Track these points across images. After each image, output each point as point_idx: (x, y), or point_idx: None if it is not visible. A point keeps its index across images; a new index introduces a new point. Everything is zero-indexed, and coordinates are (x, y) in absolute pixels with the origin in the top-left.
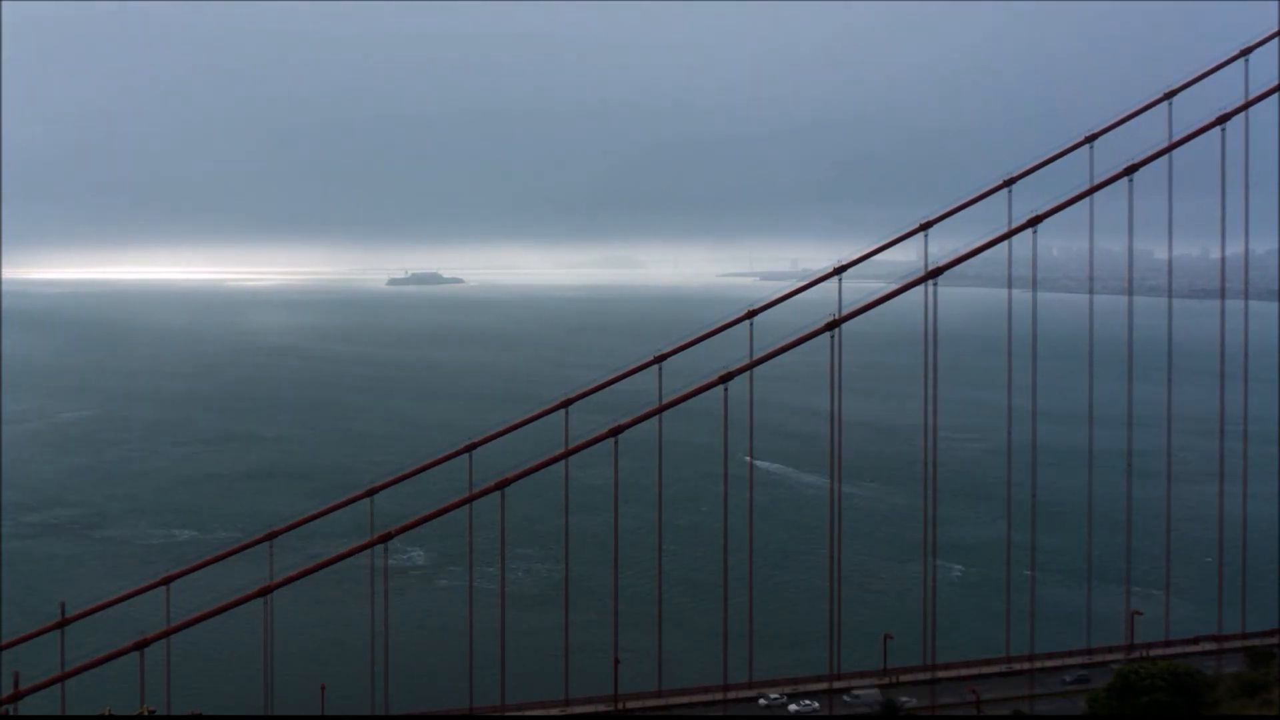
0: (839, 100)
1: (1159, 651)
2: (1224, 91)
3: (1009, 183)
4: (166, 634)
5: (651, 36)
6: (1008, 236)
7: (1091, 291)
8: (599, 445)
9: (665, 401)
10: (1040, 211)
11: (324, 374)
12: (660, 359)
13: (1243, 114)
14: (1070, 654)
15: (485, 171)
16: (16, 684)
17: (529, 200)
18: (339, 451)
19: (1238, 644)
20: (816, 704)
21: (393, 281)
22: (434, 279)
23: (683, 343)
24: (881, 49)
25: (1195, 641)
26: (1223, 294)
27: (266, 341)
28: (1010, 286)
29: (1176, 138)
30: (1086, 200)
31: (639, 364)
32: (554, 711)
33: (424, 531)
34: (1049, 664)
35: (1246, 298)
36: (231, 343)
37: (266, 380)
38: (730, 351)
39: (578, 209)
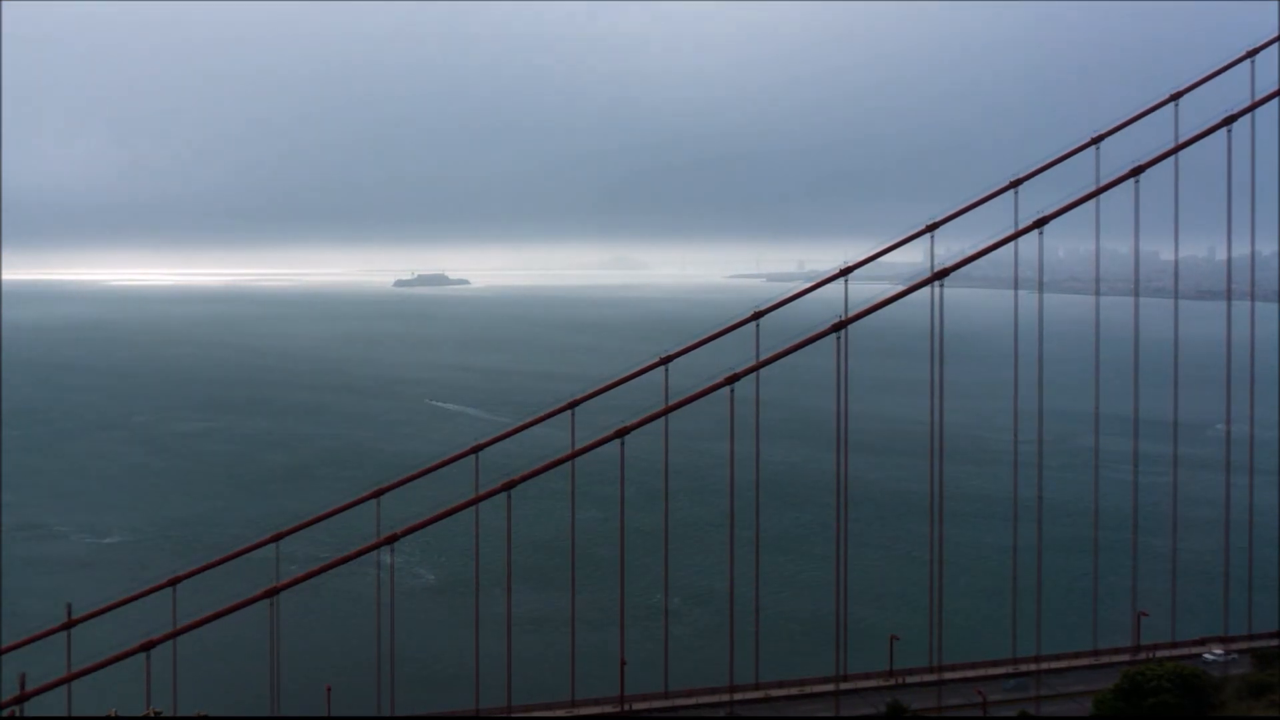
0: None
1: (1165, 653)
2: (1230, 93)
3: (1015, 184)
4: (173, 635)
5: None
6: (1014, 238)
7: (1098, 293)
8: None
9: (671, 403)
10: (1046, 213)
11: None
12: (666, 360)
13: (1249, 115)
14: (1077, 655)
15: (491, 171)
16: (23, 685)
17: (536, 201)
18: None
19: (1244, 645)
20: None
21: (399, 283)
22: (440, 280)
23: (689, 344)
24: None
25: (1201, 643)
26: (1229, 295)
27: None
28: (1016, 288)
29: (1183, 139)
30: (1092, 201)
31: (645, 365)
32: (560, 712)
33: (430, 533)
34: (1055, 665)
35: (1253, 299)
36: None
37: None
38: (737, 353)
39: (585, 210)
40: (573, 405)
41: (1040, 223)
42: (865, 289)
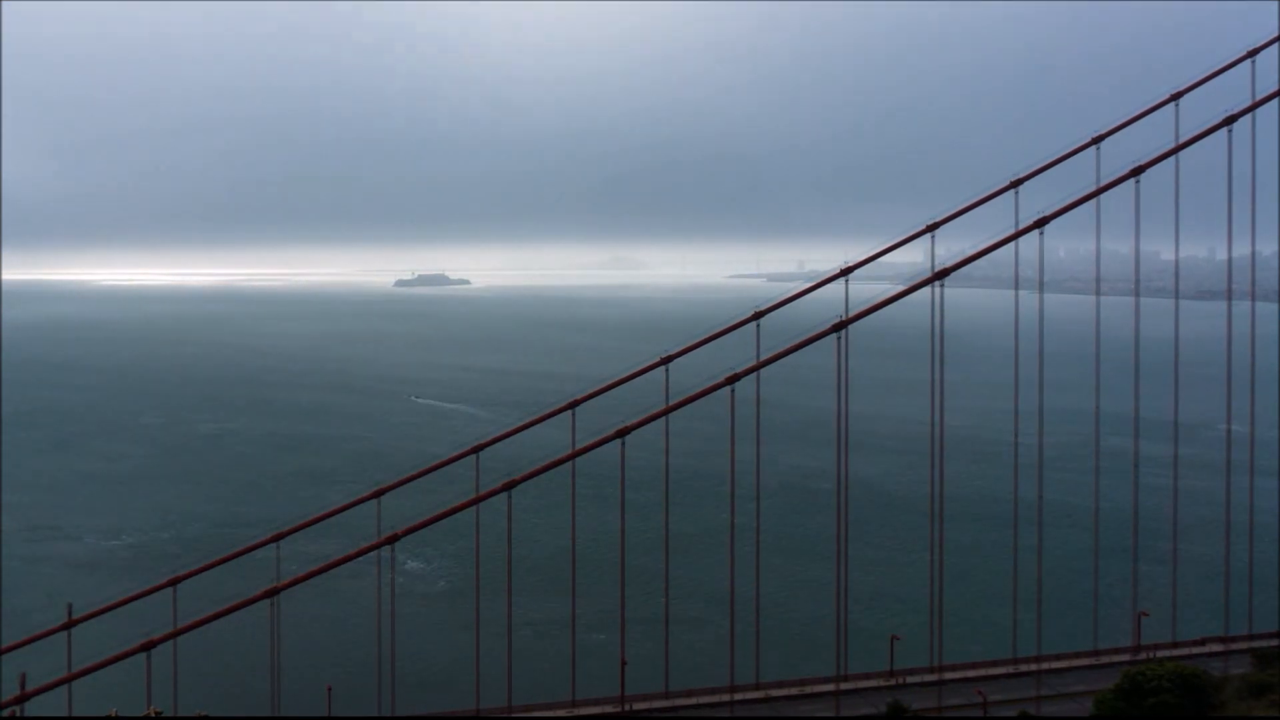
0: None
1: (1166, 653)
2: (1231, 92)
3: (1016, 184)
4: (173, 635)
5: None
6: (1014, 238)
7: (1098, 293)
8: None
9: (672, 403)
10: (1047, 213)
11: None
12: (667, 360)
13: (1249, 115)
14: (1077, 655)
15: (494, 171)
16: (23, 685)
17: (536, 200)
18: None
19: (1244, 645)
20: None
21: (399, 283)
22: (441, 280)
23: (689, 344)
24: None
25: (1202, 643)
26: (1229, 295)
27: None
28: (1017, 288)
29: (1183, 139)
30: (1093, 201)
31: (646, 365)
32: (561, 713)
33: (431, 533)
34: (1056, 665)
35: (1254, 299)
36: None
37: None
38: (738, 353)
39: (585, 210)
40: (573, 405)
41: (1041, 223)
42: (866, 289)
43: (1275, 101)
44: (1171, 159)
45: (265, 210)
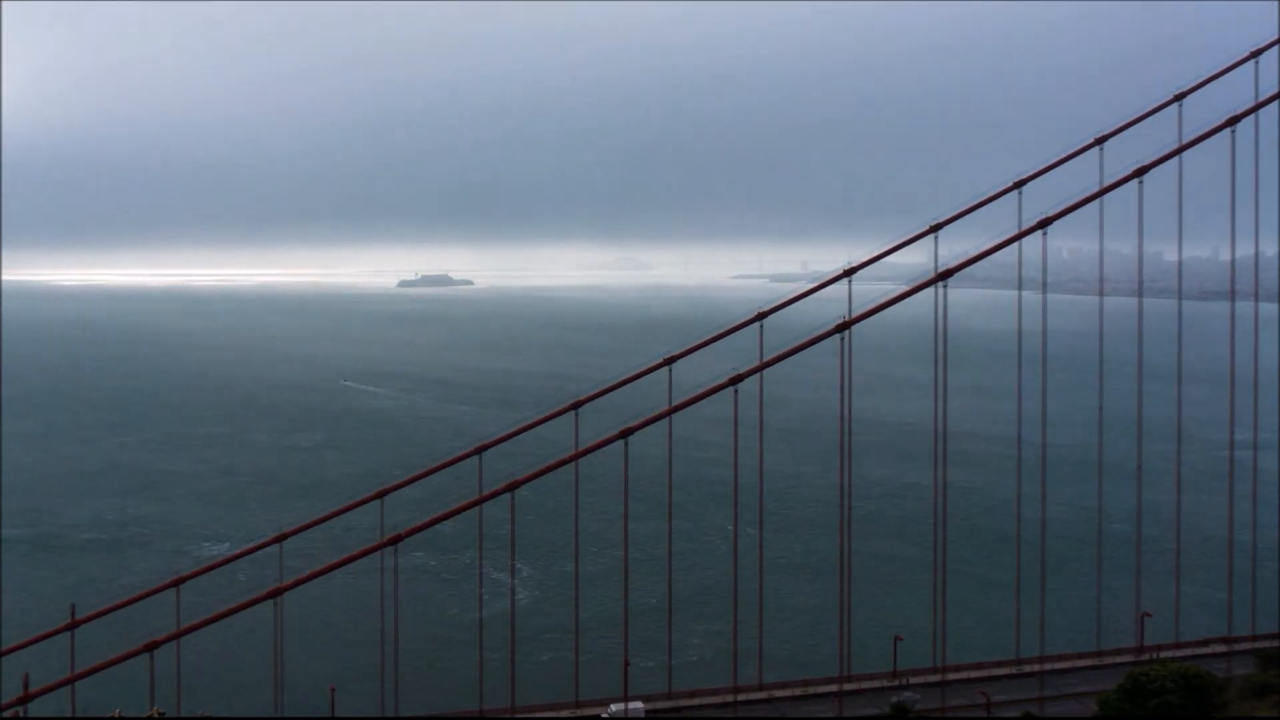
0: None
1: (1169, 653)
2: (1234, 93)
3: (1019, 184)
4: (176, 636)
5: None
6: (1018, 238)
7: (1101, 293)
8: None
9: (675, 404)
10: (1050, 213)
11: None
12: (670, 361)
13: (1252, 116)
14: (1080, 655)
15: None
16: (26, 685)
17: (539, 201)
18: None
19: (1247, 645)
20: None
21: (403, 283)
22: (444, 280)
23: (692, 345)
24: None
25: (1205, 643)
26: (1232, 297)
27: None
28: (1020, 288)
29: (1186, 140)
30: (1096, 202)
31: (649, 365)
32: (564, 713)
33: (434, 533)
34: (1059, 665)
35: (1257, 299)
36: None
37: None
38: (740, 353)
39: (587, 210)
40: (576, 406)
41: (1044, 223)
42: (869, 289)
43: (1278, 103)
44: (1174, 160)
45: (265, 210)
